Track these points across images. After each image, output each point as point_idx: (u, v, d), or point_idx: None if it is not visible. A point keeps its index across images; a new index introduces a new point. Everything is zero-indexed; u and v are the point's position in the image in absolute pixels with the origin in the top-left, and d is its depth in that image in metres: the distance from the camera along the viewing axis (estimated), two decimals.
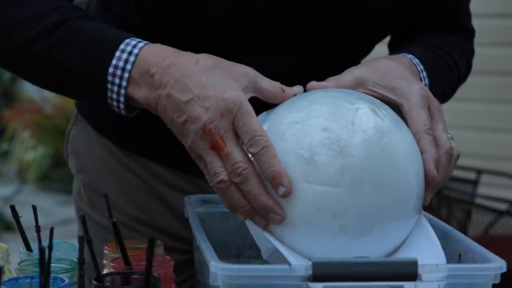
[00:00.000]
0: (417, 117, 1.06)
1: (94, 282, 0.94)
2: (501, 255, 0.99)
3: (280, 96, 1.05)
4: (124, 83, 1.07)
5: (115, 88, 1.07)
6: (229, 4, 1.15)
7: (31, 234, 1.11)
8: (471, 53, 1.39)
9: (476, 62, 1.42)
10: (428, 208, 1.16)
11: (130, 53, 1.07)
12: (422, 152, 1.04)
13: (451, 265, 1.04)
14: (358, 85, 1.10)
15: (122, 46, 1.08)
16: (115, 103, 1.09)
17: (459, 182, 3.70)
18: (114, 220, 1.06)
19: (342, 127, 0.98)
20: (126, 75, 1.07)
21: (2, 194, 5.20)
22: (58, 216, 5.15)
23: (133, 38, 1.09)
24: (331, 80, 1.10)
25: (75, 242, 1.12)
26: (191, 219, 1.10)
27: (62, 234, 1.43)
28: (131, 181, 1.34)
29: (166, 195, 1.34)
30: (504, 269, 0.96)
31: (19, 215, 1.10)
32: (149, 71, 1.05)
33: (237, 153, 0.98)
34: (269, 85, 1.05)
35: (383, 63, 1.13)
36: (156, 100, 1.04)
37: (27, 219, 1.12)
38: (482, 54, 3.94)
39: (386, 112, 1.03)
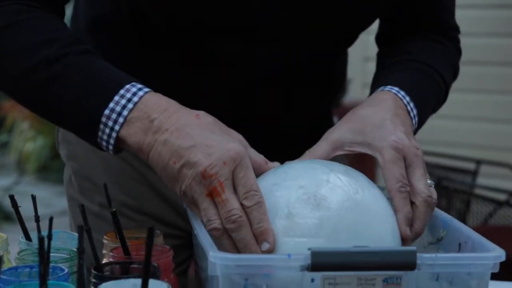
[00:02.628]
0: (389, 175, 1.09)
1: (94, 272, 0.95)
2: (500, 245, 0.99)
3: (263, 167, 1.09)
4: (117, 127, 1.08)
5: (107, 130, 1.08)
6: (222, 3, 1.16)
7: (30, 225, 1.11)
8: (457, 57, 1.39)
9: (476, 53, 1.43)
10: None
11: (129, 100, 1.08)
12: (395, 211, 1.07)
13: (450, 255, 1.04)
14: (335, 149, 1.15)
15: (122, 92, 1.08)
16: (104, 143, 1.10)
17: (459, 172, 3.70)
18: (114, 209, 1.06)
19: (318, 184, 1.03)
20: (121, 119, 1.07)
21: (1, 185, 5.21)
22: (57, 207, 5.15)
23: (134, 84, 1.09)
24: (307, 155, 1.14)
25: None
26: (189, 208, 1.10)
27: (61, 224, 1.43)
28: (120, 167, 1.35)
29: (155, 181, 1.34)
30: (503, 258, 0.96)
31: (19, 205, 1.10)
32: (150, 116, 1.06)
33: (234, 201, 1.00)
34: (256, 156, 1.08)
35: (360, 116, 1.16)
36: (151, 145, 1.05)
37: (26, 209, 1.12)
38: (482, 45, 3.95)
39: (358, 174, 1.08)
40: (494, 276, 1.00)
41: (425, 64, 1.30)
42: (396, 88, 1.21)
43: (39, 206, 1.11)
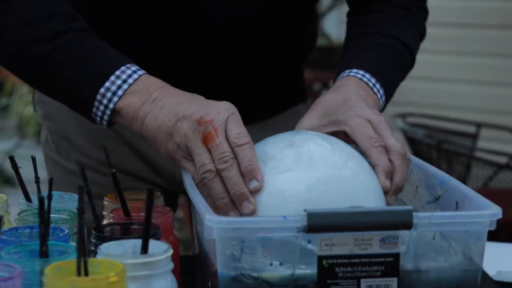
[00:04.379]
0: (360, 135, 1.14)
1: (94, 232, 0.95)
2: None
3: None
4: (111, 105, 1.13)
5: (101, 107, 1.14)
6: None
7: (30, 188, 1.11)
8: (423, 20, 1.42)
9: (477, 16, 1.42)
10: (427, 161, 1.19)
11: (124, 81, 1.13)
12: (373, 166, 1.10)
13: (446, 213, 1.04)
14: None
15: (117, 73, 1.14)
16: (98, 119, 1.15)
17: (459, 135, 3.70)
18: (114, 171, 1.06)
19: (291, 136, 1.11)
20: (115, 99, 1.13)
21: (2, 149, 5.21)
22: None
23: (128, 66, 1.14)
24: None
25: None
26: (184, 173, 1.11)
27: None
28: (96, 126, 1.36)
29: (131, 139, 1.37)
30: (500, 216, 0.96)
31: (18, 166, 1.11)
32: (149, 90, 1.13)
33: (226, 145, 1.06)
34: None
35: (323, 102, 1.22)
36: (147, 112, 1.11)
37: (26, 172, 1.12)
38: (482, 7, 3.93)
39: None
40: (494, 239, 1.01)
41: (390, 37, 1.34)
42: (361, 72, 1.26)
43: (39, 170, 1.12)
